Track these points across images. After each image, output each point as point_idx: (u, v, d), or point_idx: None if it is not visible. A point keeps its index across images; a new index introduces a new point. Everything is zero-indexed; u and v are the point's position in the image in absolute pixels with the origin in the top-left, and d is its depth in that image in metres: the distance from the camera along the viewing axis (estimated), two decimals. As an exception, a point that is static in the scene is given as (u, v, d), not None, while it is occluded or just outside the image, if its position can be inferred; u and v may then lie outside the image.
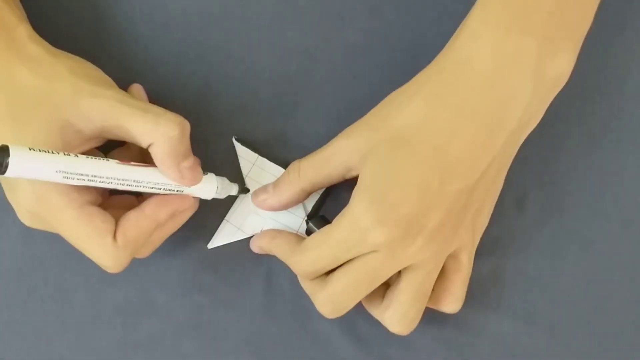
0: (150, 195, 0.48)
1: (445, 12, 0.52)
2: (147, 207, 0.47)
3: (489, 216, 0.51)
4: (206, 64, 0.54)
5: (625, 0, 0.55)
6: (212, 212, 0.53)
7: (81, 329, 0.53)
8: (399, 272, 0.49)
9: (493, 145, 0.47)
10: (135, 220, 0.47)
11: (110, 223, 0.46)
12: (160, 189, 0.47)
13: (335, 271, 0.48)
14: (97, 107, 0.45)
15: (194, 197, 0.49)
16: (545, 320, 0.53)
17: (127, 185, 0.46)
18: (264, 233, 0.52)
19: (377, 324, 0.51)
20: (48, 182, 0.44)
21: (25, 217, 0.47)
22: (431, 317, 0.51)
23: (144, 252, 0.49)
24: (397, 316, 0.48)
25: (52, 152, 0.43)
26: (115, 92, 0.47)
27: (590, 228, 0.54)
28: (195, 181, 0.48)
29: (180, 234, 0.52)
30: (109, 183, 0.45)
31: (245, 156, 0.53)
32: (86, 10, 0.54)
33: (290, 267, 0.50)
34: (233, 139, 0.53)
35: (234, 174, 0.53)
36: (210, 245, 0.53)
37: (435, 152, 0.46)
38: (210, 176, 0.50)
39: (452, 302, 0.50)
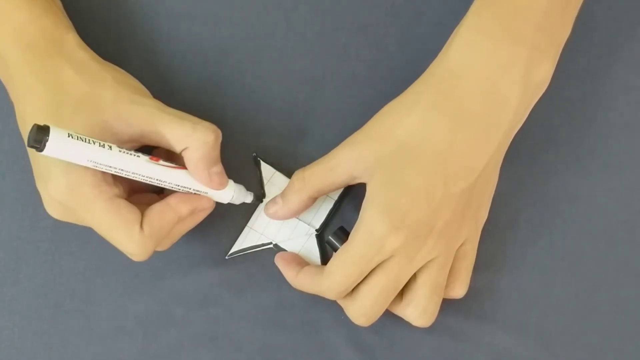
0: (171, 191, 0.50)
1: (444, 45, 0.52)
2: (172, 200, 0.49)
3: (488, 208, 0.52)
4: (221, 94, 0.55)
5: (612, 34, 0.56)
6: (226, 233, 0.55)
7: (105, 340, 0.54)
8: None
9: (490, 146, 0.48)
10: (160, 211, 0.48)
11: (136, 214, 0.47)
12: (180, 189, 0.49)
13: (361, 285, 0.49)
14: (136, 113, 0.47)
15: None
16: (537, 332, 0.55)
17: (150, 181, 0.48)
18: (285, 267, 0.53)
19: (380, 334, 0.54)
20: (81, 174, 0.46)
21: (54, 208, 0.48)
22: (430, 329, 0.52)
23: (165, 245, 0.50)
24: (419, 311, 0.50)
25: (88, 141, 0.44)
26: (154, 101, 0.49)
27: (578, 246, 0.55)
28: (222, 186, 0.50)
29: (197, 252, 0.54)
30: (134, 176, 0.47)
31: (265, 172, 0.55)
32: (109, 43, 0.55)
33: (322, 295, 0.50)
34: (254, 155, 0.55)
35: (251, 190, 0.54)
36: (233, 249, 0.54)
37: (438, 158, 0.48)
38: (230, 182, 0.51)
39: (458, 288, 0.52)
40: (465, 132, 0.48)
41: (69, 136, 0.44)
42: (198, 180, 0.49)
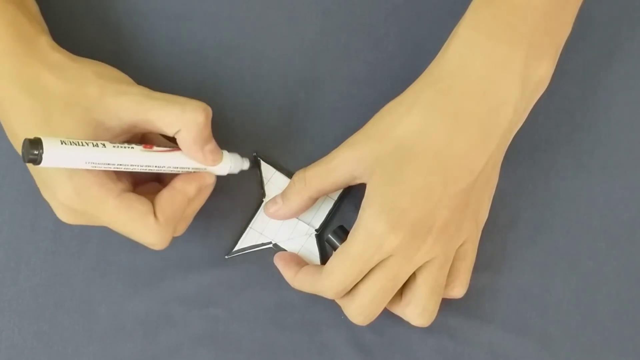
0: (172, 176, 0.50)
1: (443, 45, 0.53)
2: (177, 183, 0.49)
3: (489, 208, 0.52)
4: (221, 94, 0.55)
5: (611, 33, 0.56)
6: (225, 233, 0.55)
7: (105, 340, 0.54)
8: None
9: (488, 145, 0.48)
10: (169, 197, 0.48)
11: (148, 204, 0.47)
12: (179, 170, 0.49)
13: (360, 284, 0.49)
14: (124, 105, 0.46)
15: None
16: (536, 332, 0.55)
17: (149, 169, 0.48)
18: (284, 267, 0.53)
19: (380, 334, 0.54)
20: (85, 177, 0.46)
21: (66, 214, 0.48)
22: (430, 329, 0.52)
23: (180, 229, 0.50)
24: (418, 310, 0.50)
25: (82, 144, 0.44)
26: (139, 89, 0.48)
27: (578, 246, 0.55)
28: (216, 162, 0.49)
29: (197, 252, 0.54)
30: (132, 168, 0.47)
31: (265, 172, 0.55)
32: (108, 43, 0.55)
33: (321, 294, 0.51)
34: (254, 155, 0.55)
35: (251, 190, 0.55)
36: (233, 249, 0.54)
37: (437, 158, 0.48)
38: (224, 154, 0.51)
39: (458, 287, 0.52)
40: (464, 131, 0.48)
41: (62, 143, 0.44)
42: (193, 160, 0.49)
